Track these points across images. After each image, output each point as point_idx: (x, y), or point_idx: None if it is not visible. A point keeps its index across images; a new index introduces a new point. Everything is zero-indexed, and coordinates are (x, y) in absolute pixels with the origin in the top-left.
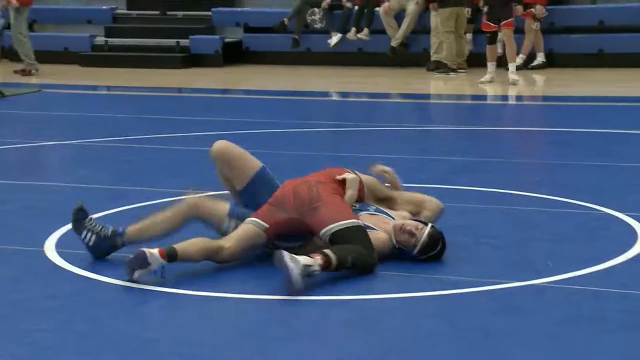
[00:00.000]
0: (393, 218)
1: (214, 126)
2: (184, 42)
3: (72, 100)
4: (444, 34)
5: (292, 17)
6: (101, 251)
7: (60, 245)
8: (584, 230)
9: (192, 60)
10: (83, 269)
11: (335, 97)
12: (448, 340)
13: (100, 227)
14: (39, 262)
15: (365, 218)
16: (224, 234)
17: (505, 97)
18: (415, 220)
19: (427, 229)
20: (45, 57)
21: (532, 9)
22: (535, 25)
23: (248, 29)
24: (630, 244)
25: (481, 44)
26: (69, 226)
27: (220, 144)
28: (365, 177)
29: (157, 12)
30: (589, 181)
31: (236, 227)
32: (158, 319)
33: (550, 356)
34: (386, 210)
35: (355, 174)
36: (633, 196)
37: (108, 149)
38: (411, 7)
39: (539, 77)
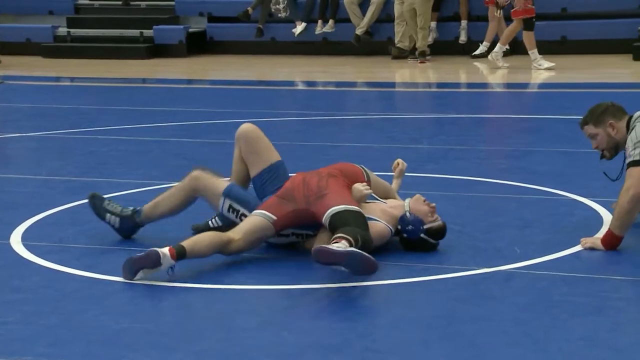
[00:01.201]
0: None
1: (179, 116)
2: (147, 32)
3: (35, 92)
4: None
5: (256, 7)
6: (127, 231)
7: (26, 238)
8: (550, 216)
9: (156, 50)
10: (50, 261)
11: (301, 87)
12: (415, 326)
13: (119, 208)
14: (5, 255)
15: (365, 207)
16: (219, 214)
17: (470, 85)
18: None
19: (443, 221)
20: (7, 48)
21: None
22: (498, 13)
23: (212, 19)
24: (596, 228)
25: (444, 32)
26: (35, 218)
27: (249, 126)
28: (372, 177)
29: (120, 3)
30: (555, 168)
31: (230, 208)
32: (128, 310)
33: (517, 341)
34: (382, 200)
35: (365, 171)
36: (598, 182)
37: (73, 140)
38: None
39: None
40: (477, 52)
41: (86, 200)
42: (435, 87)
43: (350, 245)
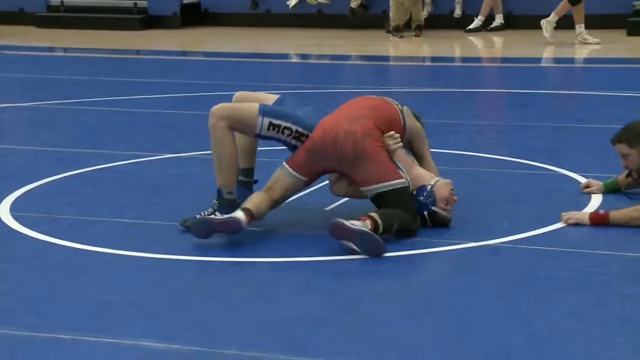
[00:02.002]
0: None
1: (172, 88)
2: (141, 3)
3: (28, 62)
4: None
5: None
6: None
7: (15, 209)
8: (540, 191)
9: (150, 21)
10: (39, 232)
11: (295, 59)
12: (402, 299)
13: (209, 210)
14: None
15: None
16: (256, 135)
17: (464, 59)
18: None
19: (450, 217)
20: (1, 17)
21: None
22: None
23: None
24: (585, 204)
25: (439, 6)
26: (25, 189)
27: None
28: (410, 122)
29: None
30: (546, 142)
31: (270, 125)
32: (116, 282)
33: (502, 315)
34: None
35: (401, 112)
36: (588, 157)
37: (64, 111)
38: None
39: (497, 39)
40: (472, 26)
41: (66, 174)
42: (429, 61)
43: (375, 227)
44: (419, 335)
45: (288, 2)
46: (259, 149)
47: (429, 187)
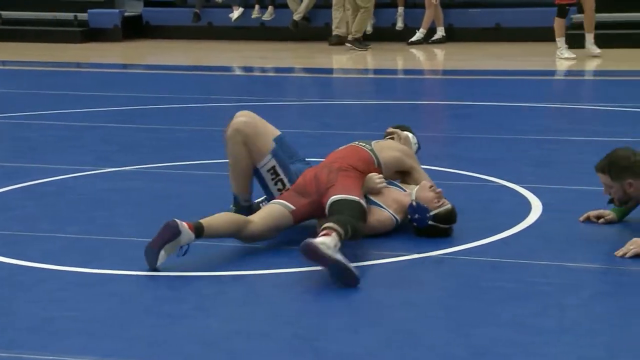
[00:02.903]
0: (404, 190)
1: (114, 102)
2: (82, 16)
3: None
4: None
5: None
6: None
7: None
8: (480, 202)
9: (91, 34)
10: None
11: (238, 72)
12: (344, 312)
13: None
14: None
15: (379, 194)
16: (261, 166)
17: (407, 72)
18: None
19: (451, 204)
20: None
21: None
22: (435, 0)
23: (148, 3)
24: (525, 214)
25: (382, 19)
26: None
27: (243, 116)
28: (386, 156)
29: None
30: (486, 154)
31: (273, 167)
32: (56, 298)
33: (444, 326)
34: (401, 185)
35: (373, 154)
36: (527, 168)
37: (5, 125)
38: None
39: (439, 51)
40: (414, 38)
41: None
42: (372, 73)
43: (340, 237)
44: (362, 347)
45: (231, 15)
46: None
47: (413, 202)
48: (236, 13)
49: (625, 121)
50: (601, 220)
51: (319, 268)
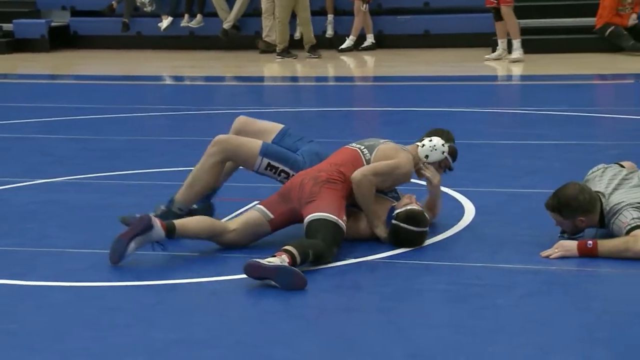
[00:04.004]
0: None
1: (43, 113)
2: (7, 26)
3: None
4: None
5: (121, 1)
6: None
7: None
8: None
9: (17, 45)
10: None
11: (168, 81)
12: (285, 318)
13: (157, 212)
14: None
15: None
16: (254, 171)
17: (338, 79)
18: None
19: (422, 208)
20: None
21: None
22: (364, 7)
23: (75, 13)
24: (458, 218)
25: (341, 26)
26: None
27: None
28: (378, 156)
29: None
30: None
31: (268, 166)
32: None
33: (383, 330)
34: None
35: (361, 153)
36: (459, 172)
37: None
38: None
39: (369, 58)
40: (344, 45)
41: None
42: (303, 81)
43: (293, 260)
44: (303, 352)
45: (160, 24)
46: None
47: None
48: (165, 22)
49: (552, 124)
50: None
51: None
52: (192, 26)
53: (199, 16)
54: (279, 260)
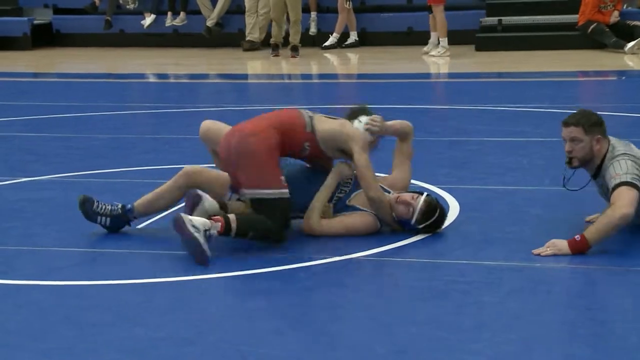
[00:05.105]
0: (389, 192)
1: (26, 111)
2: None
3: None
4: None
5: None
6: (118, 227)
7: None
8: None
9: None
10: None
11: (152, 79)
12: (269, 316)
13: (109, 207)
14: None
15: (355, 198)
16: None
17: (321, 76)
18: (411, 191)
19: (423, 197)
20: None
21: None
22: (348, 5)
23: (58, 11)
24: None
25: (324, 23)
26: None
27: (203, 125)
28: (324, 127)
29: None
30: None
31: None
32: None
33: (366, 326)
34: (386, 187)
35: (311, 123)
36: (443, 169)
37: None
38: None
39: (353, 56)
40: (328, 43)
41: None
42: (287, 78)
43: (226, 230)
44: (287, 349)
45: (143, 22)
46: None
47: (395, 218)
48: (148, 20)
49: (535, 121)
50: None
51: (241, 273)
52: (176, 24)
53: (182, 14)
54: (210, 224)
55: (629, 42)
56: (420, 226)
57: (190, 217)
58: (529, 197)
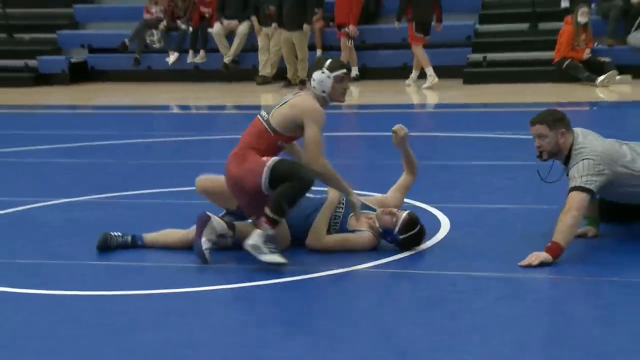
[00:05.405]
0: (374, 209)
1: (64, 139)
2: (32, 62)
3: None
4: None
5: (133, 39)
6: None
7: None
8: None
9: (41, 79)
10: None
11: (176, 110)
12: (279, 323)
13: (122, 238)
14: None
15: (353, 222)
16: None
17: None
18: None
19: (406, 212)
20: None
21: (347, 29)
22: (350, 43)
23: (92, 50)
24: (435, 231)
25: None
26: None
27: (198, 185)
28: (276, 120)
29: (5, 35)
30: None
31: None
32: (14, 319)
33: (368, 331)
34: (368, 203)
35: (268, 124)
36: (435, 190)
37: None
38: (241, 29)
39: (354, 88)
40: None
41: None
42: None
43: (272, 223)
44: (292, 353)
45: (167, 59)
46: None
47: (380, 229)
48: (172, 57)
49: (511, 146)
50: (590, 234)
51: (255, 284)
52: (197, 61)
53: (202, 52)
54: (263, 231)
55: (600, 76)
56: (402, 237)
57: (212, 221)
58: (514, 214)
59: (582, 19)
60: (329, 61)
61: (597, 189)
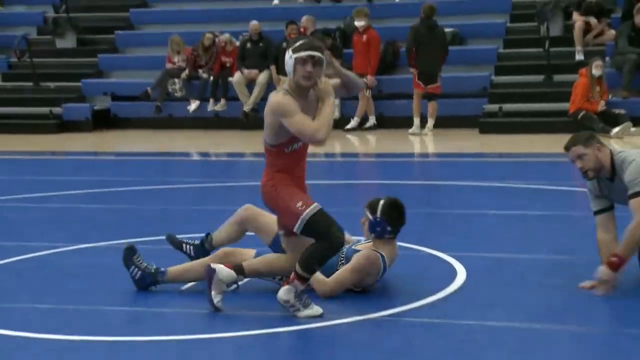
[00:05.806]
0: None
1: (87, 185)
2: (56, 110)
3: None
4: None
5: (155, 87)
6: (144, 285)
7: None
8: (412, 269)
9: (65, 126)
10: None
11: (196, 157)
12: None
13: (145, 264)
14: None
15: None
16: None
17: (344, 155)
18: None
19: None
20: None
21: (365, 79)
22: (368, 93)
23: (115, 98)
24: (451, 279)
25: (347, 108)
26: None
27: (243, 216)
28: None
29: (31, 84)
30: (416, 227)
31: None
32: None
33: None
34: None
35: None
36: (451, 238)
37: None
38: (261, 78)
39: (371, 137)
40: (349, 126)
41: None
42: (313, 157)
43: (302, 278)
44: None
45: (188, 107)
46: None
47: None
48: (193, 105)
49: (527, 196)
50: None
51: (275, 330)
52: (217, 109)
53: (222, 100)
54: (293, 288)
55: (614, 127)
56: (385, 216)
57: (217, 274)
58: (529, 265)
59: (596, 71)
60: (297, 43)
61: None
